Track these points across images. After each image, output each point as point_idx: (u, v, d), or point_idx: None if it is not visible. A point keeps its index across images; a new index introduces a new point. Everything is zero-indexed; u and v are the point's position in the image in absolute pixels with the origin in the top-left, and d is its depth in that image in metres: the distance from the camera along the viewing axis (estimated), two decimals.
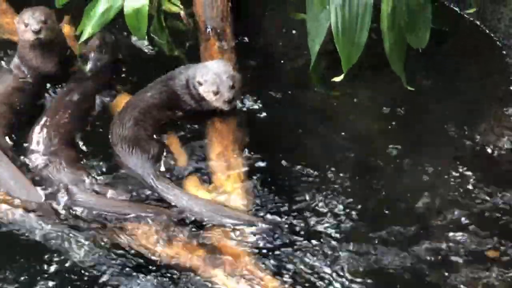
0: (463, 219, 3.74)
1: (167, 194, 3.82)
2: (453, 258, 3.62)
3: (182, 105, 4.12)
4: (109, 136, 4.02)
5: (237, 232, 3.70)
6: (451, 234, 3.69)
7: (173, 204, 3.80)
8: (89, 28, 3.99)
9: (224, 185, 3.87)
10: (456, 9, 4.56)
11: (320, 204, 3.81)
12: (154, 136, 4.04)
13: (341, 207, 3.80)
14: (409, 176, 3.92)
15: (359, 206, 3.80)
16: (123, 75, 4.32)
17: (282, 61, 4.42)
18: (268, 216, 3.76)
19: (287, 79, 4.34)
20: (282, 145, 4.06)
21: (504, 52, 4.37)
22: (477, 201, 3.80)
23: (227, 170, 3.91)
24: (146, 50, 4.38)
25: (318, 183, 3.89)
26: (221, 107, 4.03)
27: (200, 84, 4.05)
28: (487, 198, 3.82)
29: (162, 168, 3.92)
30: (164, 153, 3.98)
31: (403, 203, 3.82)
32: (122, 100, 4.17)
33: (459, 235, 3.69)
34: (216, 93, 4.01)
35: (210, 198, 3.83)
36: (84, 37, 4.02)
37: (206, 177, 3.91)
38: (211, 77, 4.02)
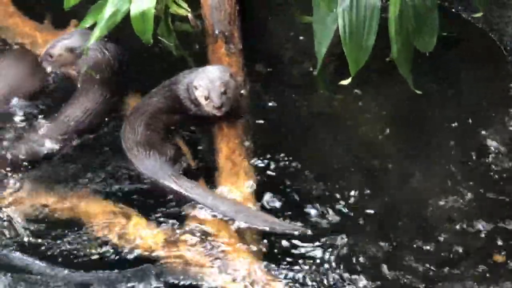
0: (468, 223, 3.75)
1: (191, 194, 3.83)
2: (459, 262, 3.63)
3: (184, 109, 4.13)
4: (122, 141, 4.04)
5: (247, 235, 3.71)
6: (457, 238, 3.71)
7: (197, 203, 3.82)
8: (96, 32, 3.99)
9: (231, 187, 3.88)
10: (464, 14, 4.57)
11: (326, 207, 3.82)
12: (166, 139, 4.05)
13: (347, 210, 3.81)
14: (415, 180, 3.93)
15: (365, 210, 3.81)
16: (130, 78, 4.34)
17: (288, 64, 4.41)
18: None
19: (294, 82, 4.33)
20: (289, 148, 4.06)
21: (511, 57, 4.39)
22: (482, 204, 3.82)
23: (234, 173, 3.93)
24: (153, 53, 4.39)
25: (324, 187, 3.90)
26: (212, 113, 4.04)
27: (196, 88, 4.07)
28: (493, 201, 3.83)
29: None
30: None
31: (409, 206, 3.83)
32: (131, 103, 4.21)
33: (465, 239, 3.70)
34: (206, 98, 4.02)
35: None
36: (91, 41, 4.02)
37: (213, 179, 3.92)
38: (205, 82, 4.03)
